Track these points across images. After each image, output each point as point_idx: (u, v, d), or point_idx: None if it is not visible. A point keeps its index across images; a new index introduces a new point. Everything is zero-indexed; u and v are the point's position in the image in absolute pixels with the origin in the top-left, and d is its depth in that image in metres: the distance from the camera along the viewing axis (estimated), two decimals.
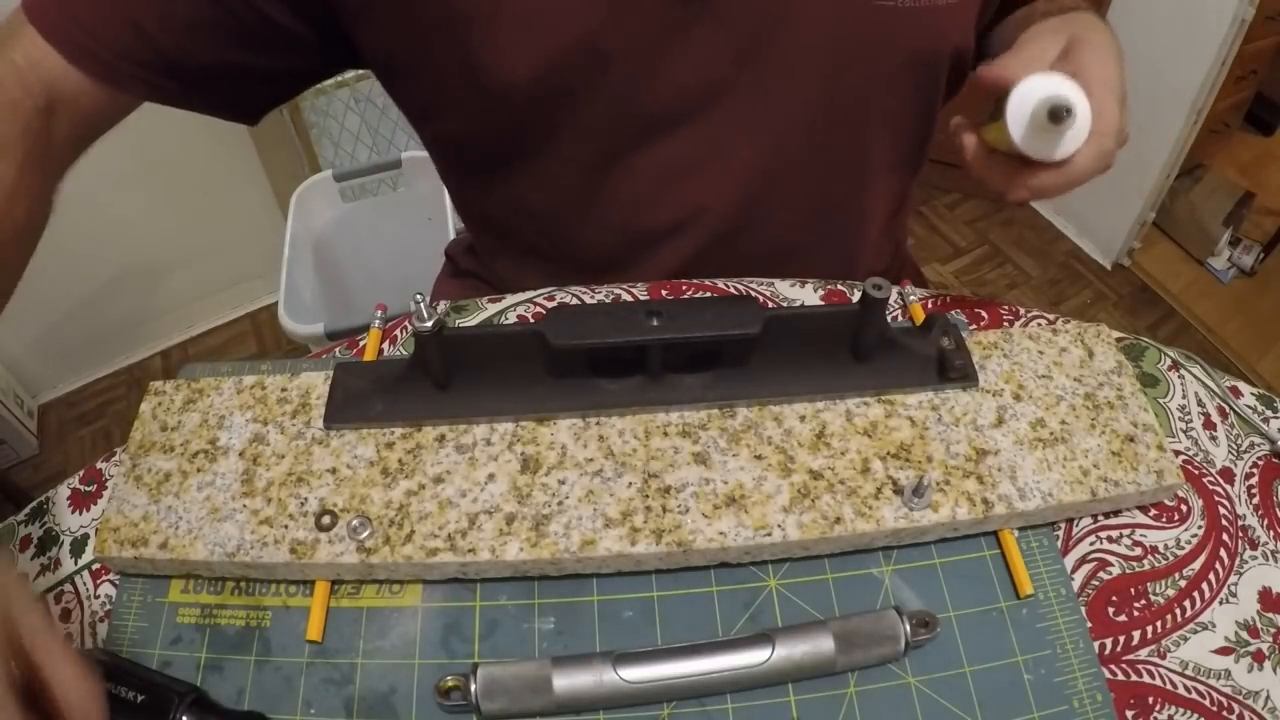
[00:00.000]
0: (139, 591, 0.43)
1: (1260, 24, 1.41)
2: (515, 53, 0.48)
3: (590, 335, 0.43)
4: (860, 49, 0.52)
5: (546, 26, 0.48)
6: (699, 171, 0.56)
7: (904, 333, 0.48)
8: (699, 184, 0.56)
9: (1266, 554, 0.44)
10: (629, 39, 0.49)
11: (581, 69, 0.50)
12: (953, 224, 1.86)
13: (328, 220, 1.28)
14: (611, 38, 0.49)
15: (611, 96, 0.51)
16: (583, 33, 0.48)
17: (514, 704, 0.38)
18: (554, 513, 0.42)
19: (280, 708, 0.39)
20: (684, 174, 0.56)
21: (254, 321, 1.68)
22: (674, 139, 0.54)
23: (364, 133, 1.51)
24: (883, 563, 0.43)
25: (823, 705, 0.39)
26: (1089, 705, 0.39)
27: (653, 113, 0.53)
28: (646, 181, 0.56)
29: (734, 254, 0.60)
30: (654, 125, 0.53)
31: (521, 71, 0.49)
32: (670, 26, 0.49)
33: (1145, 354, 0.52)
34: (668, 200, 0.57)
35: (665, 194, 0.57)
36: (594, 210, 0.58)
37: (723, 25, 0.50)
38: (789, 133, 0.55)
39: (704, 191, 0.57)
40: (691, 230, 0.59)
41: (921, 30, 0.52)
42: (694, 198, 0.57)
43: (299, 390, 0.47)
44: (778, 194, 0.58)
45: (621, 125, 0.53)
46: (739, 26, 0.50)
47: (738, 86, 0.52)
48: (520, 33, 0.48)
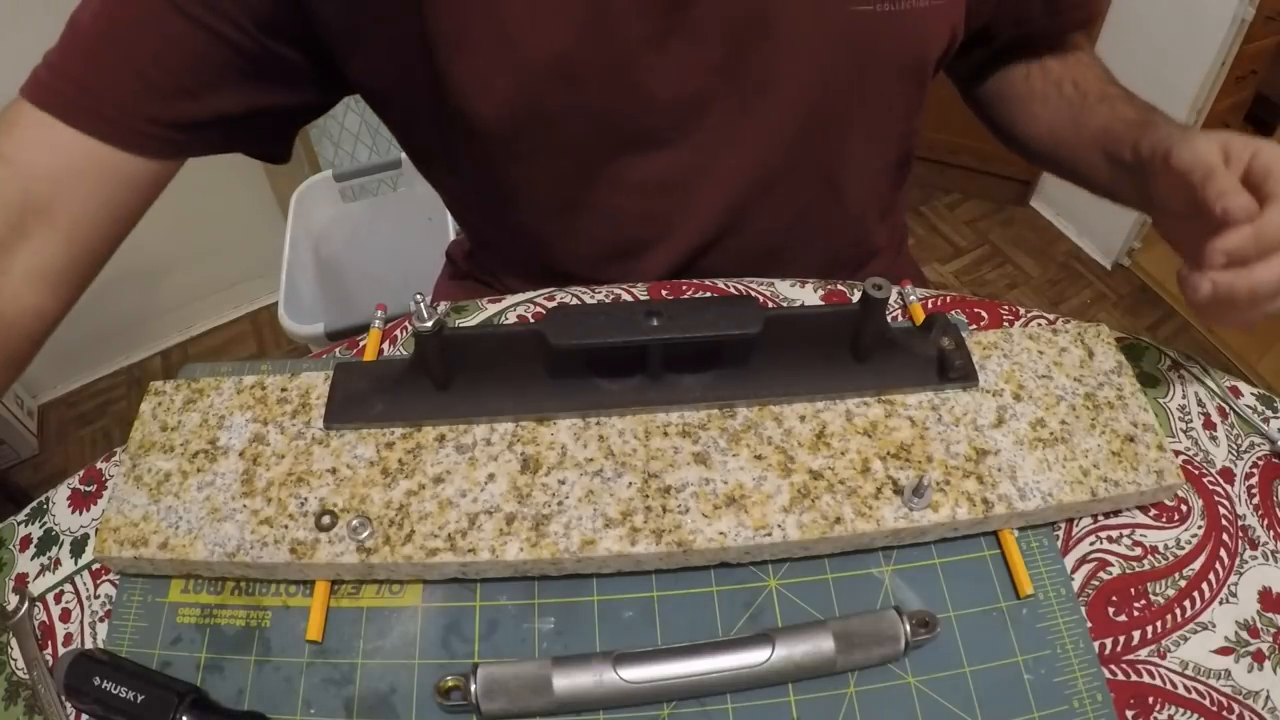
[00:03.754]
0: (139, 591, 0.43)
1: (1260, 24, 1.41)
2: (488, 75, 0.49)
3: (590, 335, 0.43)
4: (841, 56, 0.51)
5: (517, 49, 0.48)
6: (682, 184, 0.56)
7: (904, 333, 0.48)
8: (682, 196, 0.57)
9: (1266, 554, 0.44)
10: (602, 58, 0.49)
11: (555, 90, 0.50)
12: (953, 224, 1.86)
13: (328, 220, 1.28)
14: (584, 58, 0.48)
15: (588, 115, 0.51)
16: (554, 54, 0.48)
17: (514, 704, 0.38)
18: (554, 513, 0.42)
19: (280, 708, 0.39)
20: (667, 187, 0.56)
21: (254, 321, 1.68)
22: (656, 154, 0.54)
23: (364, 133, 1.51)
24: (883, 563, 0.43)
25: (823, 705, 0.39)
26: (1089, 705, 0.39)
27: (632, 129, 0.53)
28: (629, 196, 0.56)
29: (717, 261, 0.60)
30: (634, 141, 0.53)
31: (496, 93, 0.49)
32: (645, 44, 0.49)
33: (1145, 354, 0.52)
34: (651, 213, 0.57)
35: (648, 207, 0.57)
36: (577, 224, 0.59)
37: (699, 41, 0.49)
38: (771, 142, 0.55)
39: (687, 203, 0.57)
40: (675, 241, 0.59)
41: (903, 35, 0.51)
42: (677, 210, 0.57)
43: (299, 390, 0.47)
44: (761, 201, 0.58)
45: (601, 142, 0.53)
46: (716, 41, 0.50)
47: (718, 100, 0.52)
48: (492, 56, 0.48)
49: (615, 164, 0.54)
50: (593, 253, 0.60)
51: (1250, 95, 1.73)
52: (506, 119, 0.51)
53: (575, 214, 0.58)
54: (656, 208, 0.57)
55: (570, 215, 0.58)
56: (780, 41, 0.50)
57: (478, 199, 0.62)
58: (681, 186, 0.56)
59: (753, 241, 0.60)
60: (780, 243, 0.61)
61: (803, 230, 0.61)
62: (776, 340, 0.45)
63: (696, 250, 0.59)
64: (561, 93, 0.50)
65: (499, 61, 0.48)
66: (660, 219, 0.58)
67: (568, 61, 0.48)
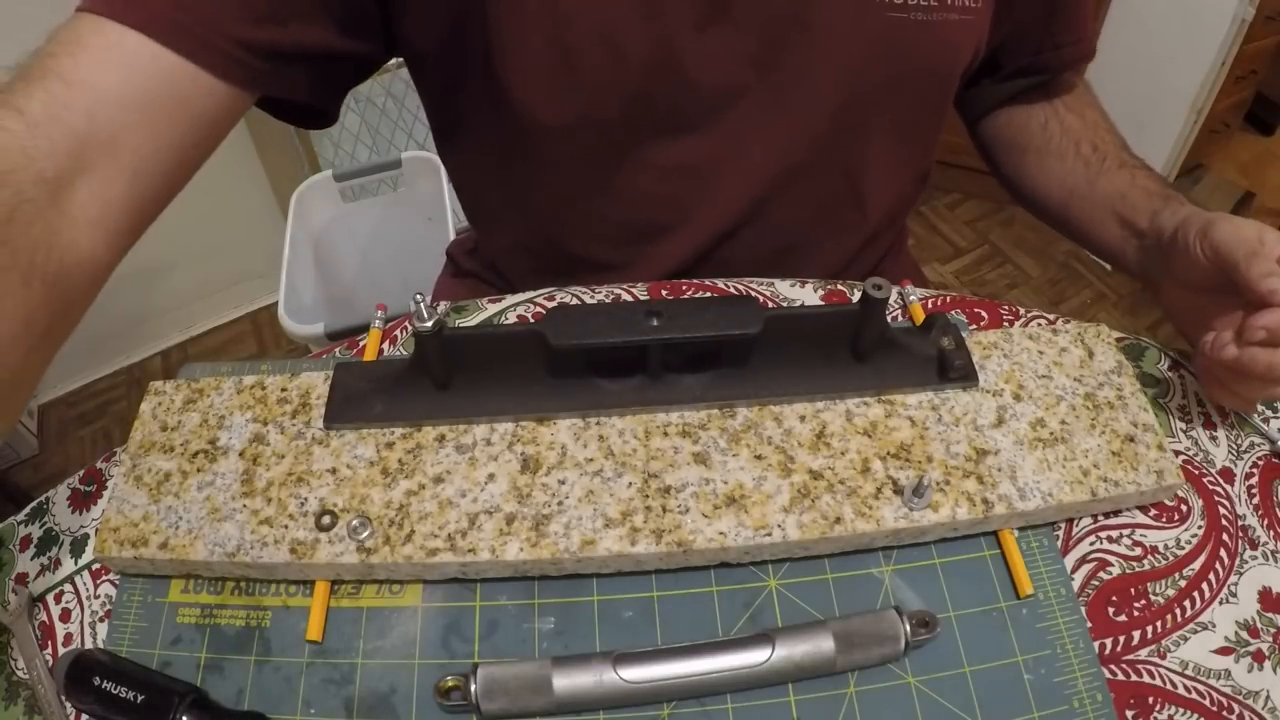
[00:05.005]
0: (139, 591, 0.43)
1: (1260, 24, 1.42)
2: (535, 45, 0.49)
3: (590, 335, 0.43)
4: (874, 58, 0.52)
5: (567, 19, 0.48)
6: (708, 171, 0.56)
7: (904, 333, 0.48)
8: (707, 184, 0.57)
9: (1266, 554, 0.44)
10: (649, 37, 0.49)
11: (600, 65, 0.50)
12: (953, 224, 1.86)
13: (328, 220, 1.28)
14: (631, 35, 0.49)
15: (627, 93, 0.51)
16: (603, 27, 0.48)
17: (514, 704, 0.38)
18: (554, 513, 0.42)
19: (280, 708, 0.39)
20: (693, 173, 0.56)
21: (254, 321, 1.68)
22: (687, 139, 0.54)
23: (364, 133, 1.51)
24: (883, 563, 0.43)
25: (823, 705, 0.39)
26: (1089, 705, 0.39)
27: (666, 111, 0.53)
28: (655, 178, 0.56)
29: (733, 253, 0.60)
30: (667, 124, 0.54)
31: (541, 64, 0.49)
32: (690, 27, 0.49)
33: (1145, 354, 0.52)
34: (674, 198, 0.58)
35: (672, 191, 0.57)
36: (598, 204, 0.59)
37: (740, 30, 0.50)
38: (798, 138, 0.55)
39: (711, 191, 0.57)
40: (694, 228, 0.59)
41: (934, 42, 0.52)
42: (700, 196, 0.57)
43: (299, 390, 0.47)
44: (782, 195, 0.58)
45: (635, 122, 0.53)
46: (756, 32, 0.50)
47: (751, 90, 0.53)
48: (540, 25, 0.48)
49: (645, 145, 0.55)
50: (610, 234, 0.60)
51: (1250, 95, 1.73)
52: (547, 90, 0.51)
53: (598, 193, 0.58)
54: (679, 192, 0.57)
55: (594, 194, 0.58)
56: (815, 39, 0.51)
57: (502, 175, 0.61)
58: (706, 173, 0.56)
59: (771, 236, 0.60)
60: (797, 240, 0.61)
61: (821, 229, 0.62)
62: (776, 340, 0.45)
63: (714, 240, 0.59)
64: (606, 68, 0.50)
65: (547, 32, 0.48)
66: (681, 204, 0.58)
67: (616, 37, 0.49)
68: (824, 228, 0.62)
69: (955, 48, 0.54)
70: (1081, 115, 0.63)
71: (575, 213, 0.60)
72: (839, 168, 0.58)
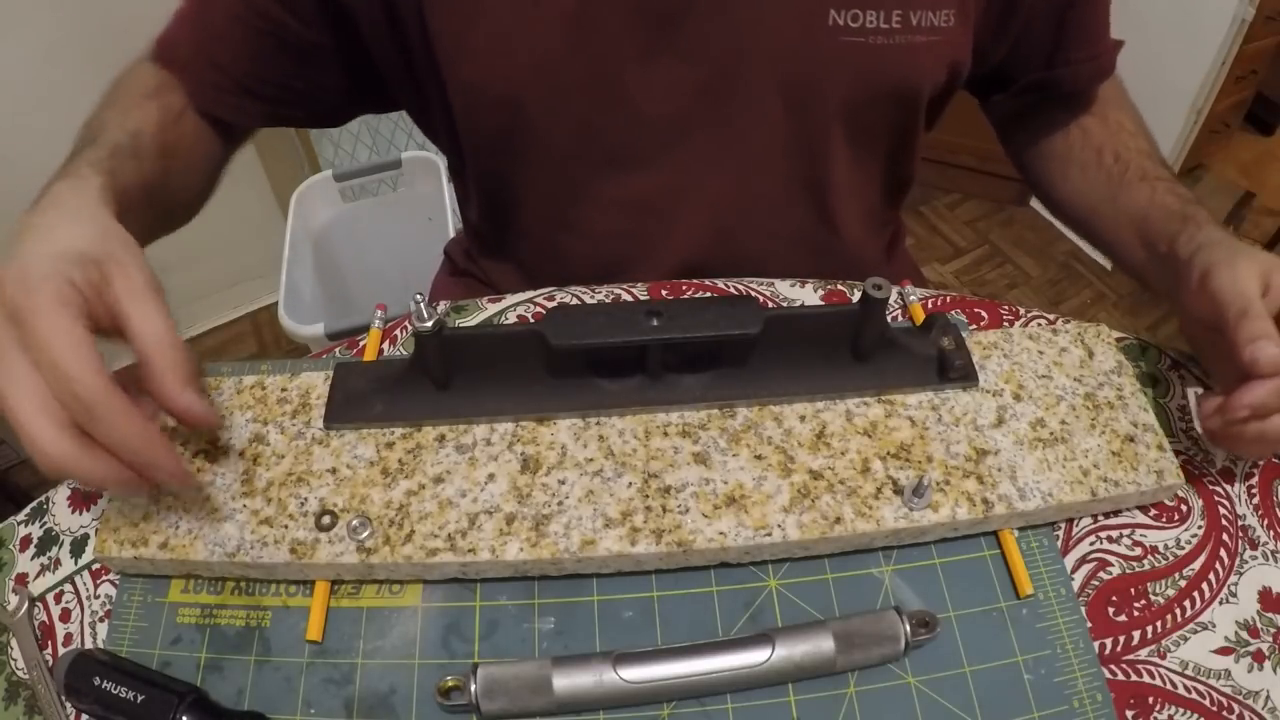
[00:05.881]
0: (139, 591, 0.43)
1: (1260, 24, 1.42)
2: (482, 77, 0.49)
3: (590, 335, 0.43)
4: (829, 83, 0.51)
5: (507, 52, 0.48)
6: (668, 205, 0.56)
7: (904, 333, 0.48)
8: (668, 217, 0.57)
9: (1266, 554, 0.44)
10: (588, 69, 0.49)
11: (540, 96, 0.50)
12: (953, 224, 1.86)
13: (328, 220, 1.28)
14: (569, 67, 0.49)
15: (572, 126, 0.51)
16: (540, 60, 0.48)
17: (514, 704, 0.38)
18: (554, 513, 0.42)
19: (280, 708, 0.39)
20: (652, 207, 0.56)
21: (254, 321, 1.68)
22: (641, 172, 0.54)
23: (364, 133, 1.51)
24: (883, 563, 0.43)
25: (823, 705, 0.39)
26: (1089, 705, 0.39)
27: (616, 144, 0.53)
28: (615, 215, 0.57)
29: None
30: (619, 157, 0.53)
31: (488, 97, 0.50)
32: (632, 59, 0.49)
33: (1145, 354, 0.52)
34: (635, 233, 0.58)
35: (632, 227, 0.57)
36: (565, 240, 0.59)
37: (685, 59, 0.49)
38: (757, 165, 0.55)
39: (671, 225, 0.57)
40: (660, 262, 0.59)
41: (895, 65, 0.51)
42: (663, 229, 0.57)
43: (299, 390, 0.47)
44: (747, 224, 0.58)
45: (585, 155, 0.53)
46: (702, 60, 0.50)
47: (703, 120, 0.52)
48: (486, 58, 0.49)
49: (599, 180, 0.55)
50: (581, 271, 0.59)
51: (1250, 95, 1.73)
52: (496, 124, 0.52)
53: (563, 229, 0.58)
54: (640, 228, 0.57)
55: (558, 230, 0.59)
56: (765, 67, 0.50)
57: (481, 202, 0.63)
58: (664, 206, 0.56)
59: (744, 264, 0.59)
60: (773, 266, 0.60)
61: (796, 254, 0.61)
62: (776, 340, 0.45)
63: (685, 272, 0.58)
64: (546, 99, 0.50)
65: (491, 64, 0.49)
66: (645, 239, 0.58)
67: (553, 69, 0.49)
68: (798, 251, 0.61)
69: (921, 69, 0.52)
70: (1104, 119, 0.60)
71: (547, 245, 0.60)
72: (804, 193, 0.58)
